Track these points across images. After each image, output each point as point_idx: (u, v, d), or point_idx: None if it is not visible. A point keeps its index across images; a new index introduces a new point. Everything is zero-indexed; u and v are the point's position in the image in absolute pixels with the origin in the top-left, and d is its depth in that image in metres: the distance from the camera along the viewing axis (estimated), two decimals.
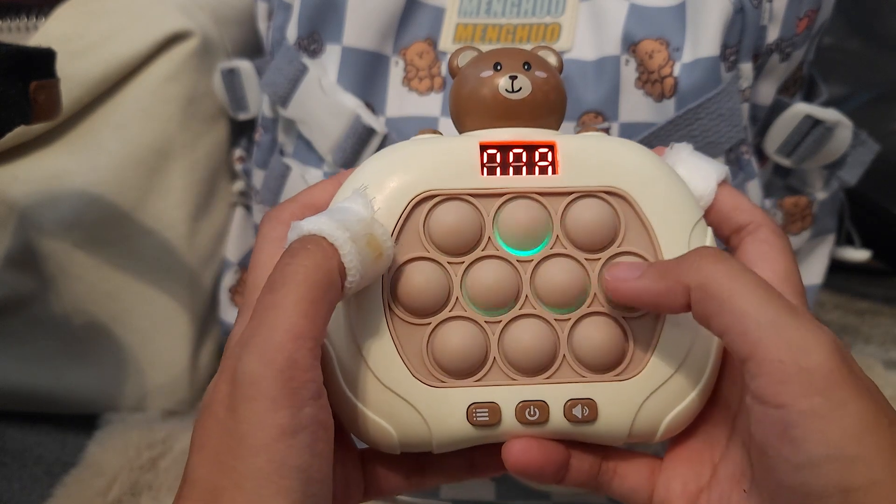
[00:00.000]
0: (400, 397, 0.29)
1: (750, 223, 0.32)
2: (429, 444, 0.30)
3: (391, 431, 0.29)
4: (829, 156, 0.48)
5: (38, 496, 0.49)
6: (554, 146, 0.31)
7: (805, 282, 0.53)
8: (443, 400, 0.30)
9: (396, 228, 0.30)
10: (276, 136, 0.50)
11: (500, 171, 0.31)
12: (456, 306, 0.30)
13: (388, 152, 0.31)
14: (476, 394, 0.30)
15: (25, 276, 0.53)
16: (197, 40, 0.53)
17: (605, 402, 0.30)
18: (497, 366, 0.30)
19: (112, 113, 0.53)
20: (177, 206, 0.54)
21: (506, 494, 0.48)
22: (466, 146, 0.31)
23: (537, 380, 0.30)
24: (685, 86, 0.42)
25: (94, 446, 0.52)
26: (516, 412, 0.30)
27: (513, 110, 0.31)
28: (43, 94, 0.40)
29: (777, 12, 0.43)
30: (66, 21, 0.53)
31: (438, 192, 0.30)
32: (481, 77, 0.31)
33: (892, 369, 0.59)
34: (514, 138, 0.31)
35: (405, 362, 0.30)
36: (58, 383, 0.54)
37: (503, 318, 0.30)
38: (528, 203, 0.31)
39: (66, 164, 0.52)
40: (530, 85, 0.31)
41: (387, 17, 0.45)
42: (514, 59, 0.32)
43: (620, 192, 0.31)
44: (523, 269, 0.31)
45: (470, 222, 0.30)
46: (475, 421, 0.30)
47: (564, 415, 0.30)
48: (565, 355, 0.30)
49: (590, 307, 0.31)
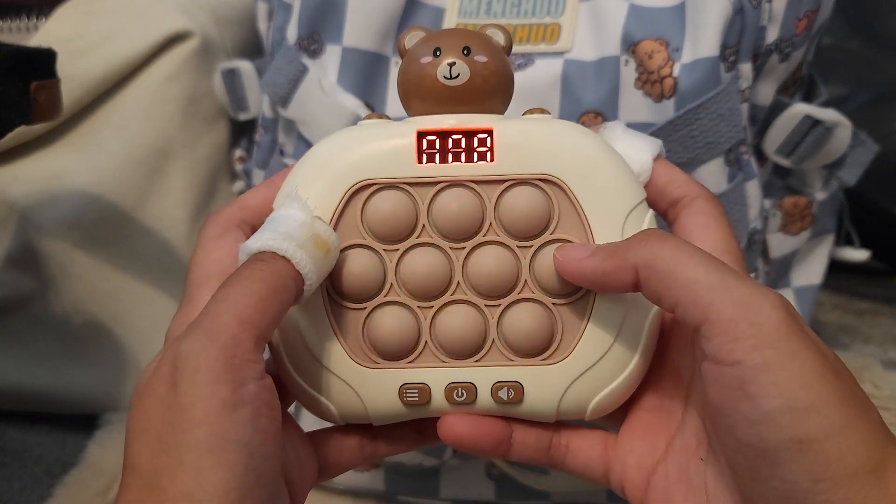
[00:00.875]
0: (337, 377, 0.31)
1: (685, 196, 0.33)
2: (367, 418, 0.32)
3: (331, 407, 0.31)
4: (828, 156, 0.48)
5: (38, 496, 0.49)
6: (491, 132, 0.31)
7: (804, 282, 0.54)
8: (376, 380, 0.31)
9: (335, 217, 0.31)
10: (277, 137, 0.50)
11: (439, 157, 0.31)
12: (390, 292, 0.31)
13: (330, 141, 0.32)
14: (407, 375, 0.31)
15: (26, 276, 0.53)
16: (197, 40, 0.53)
17: (530, 385, 0.31)
18: (429, 349, 0.32)
19: (112, 113, 0.53)
20: (177, 207, 0.54)
21: (506, 494, 0.48)
22: (404, 133, 0.32)
23: (467, 363, 0.32)
24: (685, 86, 0.42)
25: (94, 446, 0.52)
26: (445, 393, 0.31)
27: (452, 96, 0.32)
28: (43, 95, 0.40)
29: (776, 12, 0.43)
30: (66, 21, 0.53)
31: (375, 180, 0.31)
32: (421, 62, 0.32)
33: (892, 369, 0.59)
34: (454, 125, 0.32)
35: (342, 344, 0.31)
36: (58, 383, 0.54)
37: (435, 303, 0.32)
38: (462, 191, 0.31)
39: (66, 164, 0.52)
40: (469, 70, 0.31)
41: (387, 17, 0.45)
42: (454, 42, 0.32)
43: (555, 179, 0.31)
44: (456, 257, 0.32)
45: (405, 211, 0.31)
46: (406, 400, 0.31)
47: (491, 396, 0.31)
48: (494, 340, 0.32)
49: (520, 294, 0.32)
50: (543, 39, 0.44)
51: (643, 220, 0.32)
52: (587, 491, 0.47)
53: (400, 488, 0.49)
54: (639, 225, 0.31)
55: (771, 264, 0.51)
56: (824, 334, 0.65)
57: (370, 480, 0.49)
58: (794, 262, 0.53)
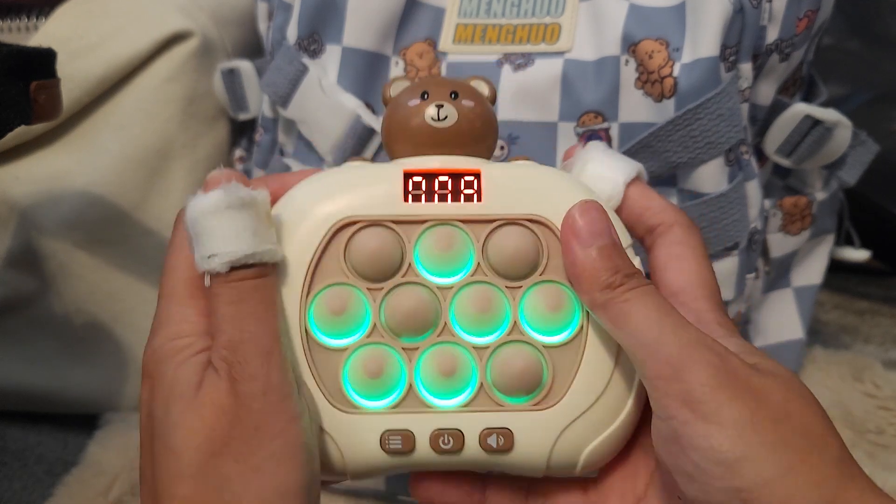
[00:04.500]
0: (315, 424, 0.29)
1: (661, 223, 0.32)
2: (343, 471, 0.30)
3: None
4: (828, 156, 0.48)
5: (39, 496, 0.49)
6: (479, 174, 0.31)
7: (805, 282, 0.54)
8: (356, 427, 0.30)
9: (317, 254, 0.30)
10: (277, 137, 0.50)
11: (425, 198, 0.31)
12: (374, 332, 0.30)
13: (314, 179, 0.32)
14: (390, 421, 0.30)
15: (26, 276, 0.53)
16: (197, 41, 0.53)
17: (521, 432, 0.30)
18: (413, 393, 0.30)
19: (112, 113, 0.53)
20: (177, 207, 0.53)
21: None
22: (391, 173, 0.31)
23: (453, 408, 0.30)
24: (685, 86, 0.42)
25: (95, 446, 0.52)
26: (430, 440, 0.30)
27: (439, 138, 0.31)
28: (43, 94, 0.40)
29: (777, 12, 0.43)
30: (66, 21, 0.53)
31: (360, 218, 0.30)
32: (409, 106, 0.32)
33: (892, 369, 0.59)
34: (440, 166, 0.31)
35: (321, 388, 0.30)
36: (59, 383, 0.54)
37: (420, 345, 0.30)
38: (450, 229, 0.31)
39: (66, 164, 0.52)
40: (456, 113, 0.31)
41: (387, 17, 0.45)
42: (441, 88, 0.32)
43: (543, 220, 0.31)
44: (443, 296, 0.30)
45: (390, 248, 0.30)
46: (388, 448, 0.29)
47: (480, 444, 0.30)
48: (483, 383, 0.30)
49: (510, 335, 0.30)
50: (543, 39, 0.44)
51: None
52: None
53: (400, 488, 0.49)
54: None
55: (771, 264, 0.51)
56: (824, 334, 0.65)
57: (371, 481, 0.49)
58: (794, 262, 0.53)
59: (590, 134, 0.43)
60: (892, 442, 0.53)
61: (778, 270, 0.52)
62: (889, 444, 0.53)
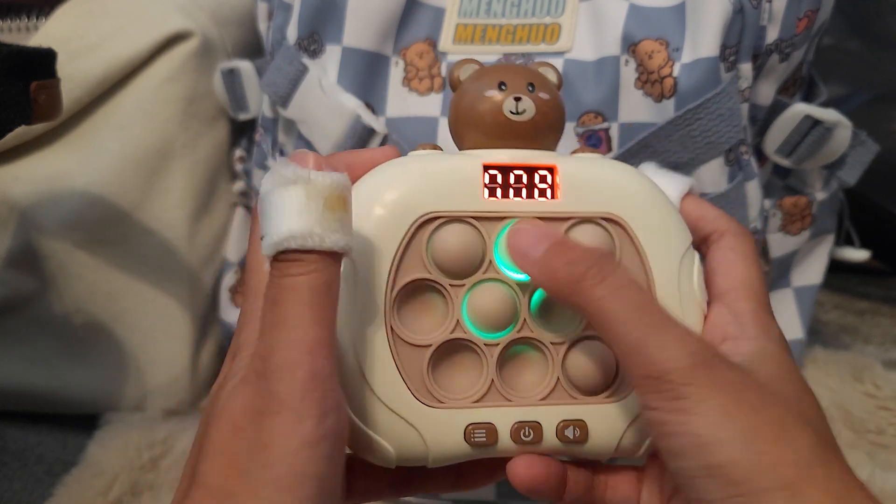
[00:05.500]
0: (400, 417, 0.30)
1: (714, 231, 0.34)
2: (425, 460, 0.31)
3: (389, 449, 0.30)
4: (828, 156, 0.48)
5: (39, 496, 0.49)
6: (554, 169, 0.31)
7: (805, 282, 0.54)
8: (441, 420, 0.30)
9: (400, 249, 0.30)
10: (277, 137, 0.50)
11: (502, 193, 0.31)
12: (456, 329, 0.31)
13: (390, 167, 0.31)
14: (474, 415, 0.30)
15: (26, 276, 0.53)
16: (197, 41, 0.53)
17: (594, 423, 0.31)
18: (494, 388, 0.31)
19: (112, 113, 0.53)
20: (177, 207, 0.54)
21: (506, 494, 0.48)
22: (470, 167, 0.31)
23: (532, 402, 0.31)
24: (685, 86, 0.42)
25: (95, 446, 0.52)
26: (511, 433, 0.30)
27: (515, 131, 0.31)
28: (43, 95, 0.40)
29: (776, 12, 0.43)
30: (66, 21, 0.53)
31: (442, 213, 0.30)
32: (485, 95, 0.31)
33: (892, 369, 0.59)
34: (515, 160, 0.31)
35: (406, 383, 0.30)
36: (58, 383, 0.54)
37: (501, 341, 0.31)
38: None
39: (66, 164, 0.52)
40: (534, 107, 0.31)
41: (387, 17, 0.45)
42: (518, 78, 0.31)
43: (617, 219, 0.31)
44: (522, 292, 0.31)
45: (472, 245, 0.30)
46: (473, 441, 0.30)
47: (557, 435, 0.31)
48: (559, 378, 0.31)
49: (584, 331, 0.31)
50: (543, 39, 0.44)
51: (693, 262, 0.32)
52: None
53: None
54: (690, 267, 0.32)
55: (771, 264, 0.51)
56: (824, 334, 0.65)
57: None
58: (794, 262, 0.53)
59: (589, 134, 0.43)
60: (892, 442, 0.53)
61: (778, 270, 0.52)
62: (889, 444, 0.53)
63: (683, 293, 0.32)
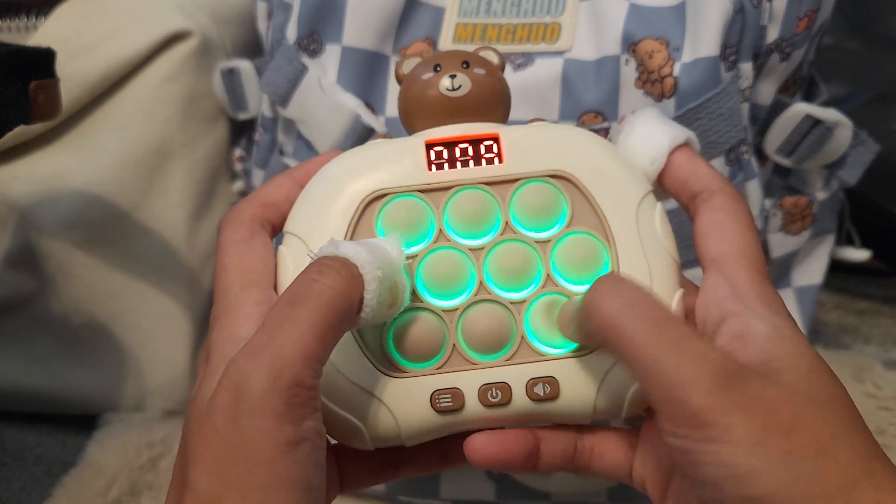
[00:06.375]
0: (365, 391, 0.30)
1: (704, 189, 0.32)
2: (399, 438, 0.31)
3: (361, 427, 0.30)
4: (829, 156, 0.48)
5: (38, 496, 0.49)
6: (497, 137, 0.32)
7: (805, 282, 0.54)
8: (406, 389, 0.30)
9: (350, 228, 0.31)
10: (276, 136, 0.50)
11: (448, 165, 0.32)
12: (413, 297, 0.31)
13: (341, 158, 0.33)
14: (438, 381, 0.31)
15: (25, 275, 0.53)
16: (197, 40, 0.53)
17: (566, 379, 0.31)
18: (457, 352, 0.31)
19: (112, 113, 0.53)
20: (177, 206, 0.54)
21: (506, 495, 0.48)
22: (412, 146, 0.32)
23: (497, 363, 0.31)
24: (685, 85, 0.42)
25: (94, 446, 0.52)
26: (479, 395, 0.30)
27: (455, 107, 0.32)
28: (43, 94, 0.40)
29: (777, 12, 0.43)
30: (65, 21, 0.53)
31: (388, 190, 0.32)
32: (423, 79, 0.33)
33: (892, 369, 0.59)
34: (460, 133, 0.32)
35: (367, 356, 0.30)
36: (58, 383, 0.54)
37: (459, 305, 0.31)
38: (475, 193, 0.32)
39: (66, 164, 0.52)
40: (469, 82, 0.32)
41: (387, 16, 0.45)
42: (453, 59, 0.33)
43: (565, 175, 0.32)
44: (475, 257, 0.32)
45: (419, 215, 0.31)
46: (439, 407, 0.30)
47: (527, 394, 0.30)
48: (524, 336, 0.31)
49: (544, 288, 0.31)
50: (543, 39, 0.44)
51: (654, 209, 0.32)
52: (588, 491, 0.47)
53: (400, 488, 0.49)
54: (651, 214, 0.32)
55: (771, 264, 0.51)
56: (825, 334, 0.65)
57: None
58: (794, 262, 0.53)
59: None
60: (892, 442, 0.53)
61: (778, 270, 0.52)
62: (889, 444, 0.53)
63: (645, 241, 0.31)
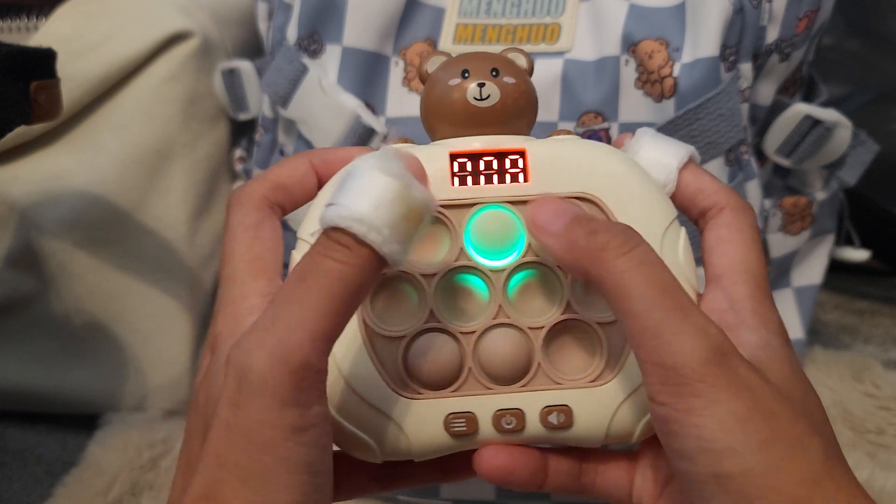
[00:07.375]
0: (378, 410, 0.29)
1: (713, 206, 0.31)
2: (409, 454, 0.30)
3: (373, 445, 0.30)
4: (828, 156, 0.48)
5: (39, 496, 0.49)
6: (524, 153, 0.31)
7: (805, 282, 0.54)
8: (420, 411, 0.30)
9: None
10: (277, 137, 0.50)
11: (472, 180, 0.30)
12: (430, 318, 0.30)
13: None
14: (453, 404, 0.30)
15: (26, 275, 0.53)
16: (197, 40, 0.53)
17: (580, 408, 0.30)
18: (472, 376, 0.30)
19: (112, 113, 0.53)
20: (177, 207, 0.54)
21: (506, 495, 0.48)
22: (436, 156, 0.31)
23: (513, 388, 0.30)
24: (685, 86, 0.42)
25: (95, 446, 0.52)
26: (493, 421, 0.30)
27: (482, 118, 0.31)
28: (43, 94, 0.40)
29: (777, 12, 0.43)
30: (66, 21, 0.53)
31: None
32: (449, 84, 0.31)
33: (892, 369, 0.59)
34: (484, 146, 0.31)
35: (382, 375, 0.30)
36: (58, 383, 0.54)
37: (477, 328, 0.30)
38: (499, 212, 0.30)
39: (66, 164, 0.52)
40: (498, 92, 0.31)
41: (387, 17, 0.45)
42: (482, 64, 0.31)
43: (591, 198, 0.31)
44: (496, 279, 0.30)
45: (441, 235, 0.30)
46: (452, 431, 0.30)
47: (540, 422, 0.30)
48: (540, 363, 0.30)
49: (564, 314, 0.31)
50: (543, 39, 0.44)
51: (678, 238, 0.31)
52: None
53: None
54: (674, 242, 0.31)
55: (771, 264, 0.51)
56: (824, 334, 0.65)
57: None
58: (794, 262, 0.53)
59: (590, 134, 0.43)
60: (892, 442, 0.53)
61: (778, 270, 0.52)
62: (889, 444, 0.53)
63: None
